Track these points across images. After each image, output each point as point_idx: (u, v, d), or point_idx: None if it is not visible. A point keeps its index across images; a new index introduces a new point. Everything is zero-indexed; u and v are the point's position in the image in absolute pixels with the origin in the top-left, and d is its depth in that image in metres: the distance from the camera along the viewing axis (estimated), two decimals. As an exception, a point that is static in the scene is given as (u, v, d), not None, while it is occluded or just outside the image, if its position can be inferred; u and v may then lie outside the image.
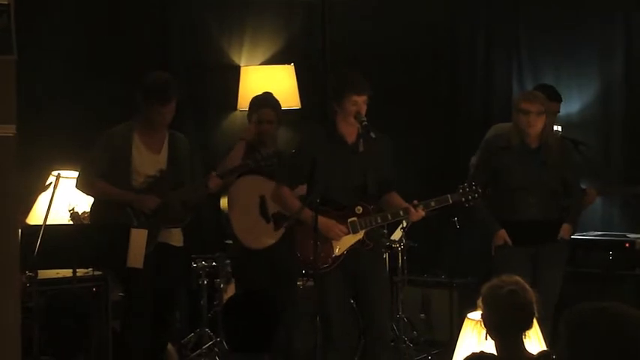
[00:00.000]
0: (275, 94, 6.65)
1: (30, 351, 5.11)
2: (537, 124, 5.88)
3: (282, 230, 6.09)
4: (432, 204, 5.44)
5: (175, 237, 5.93)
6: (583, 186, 6.43)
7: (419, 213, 5.39)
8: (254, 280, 6.22)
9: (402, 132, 7.64)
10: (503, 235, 5.95)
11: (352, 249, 5.40)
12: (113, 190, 5.76)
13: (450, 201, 5.49)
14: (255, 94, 6.63)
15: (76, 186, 5.87)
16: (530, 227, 5.92)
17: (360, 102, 5.33)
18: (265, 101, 6.40)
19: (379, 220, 5.44)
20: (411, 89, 8.20)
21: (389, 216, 5.45)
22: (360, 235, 5.41)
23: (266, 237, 6.21)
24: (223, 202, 6.33)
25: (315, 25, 8.20)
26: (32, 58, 5.87)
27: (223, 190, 6.23)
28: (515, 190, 5.93)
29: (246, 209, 6.23)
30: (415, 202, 5.40)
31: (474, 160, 6.63)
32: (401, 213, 5.43)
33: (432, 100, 8.29)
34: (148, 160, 5.84)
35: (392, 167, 5.57)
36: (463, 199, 5.50)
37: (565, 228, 6.00)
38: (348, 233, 5.38)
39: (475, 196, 5.51)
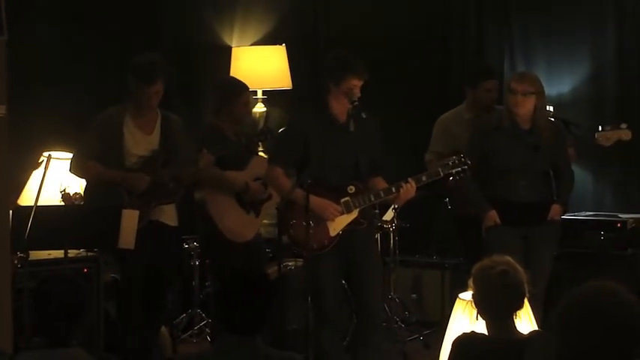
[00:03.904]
0: (266, 75, 6.68)
1: (21, 332, 5.11)
2: (524, 105, 5.86)
3: (261, 219, 6.16)
4: (424, 178, 5.44)
5: (168, 215, 5.90)
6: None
7: (410, 186, 5.37)
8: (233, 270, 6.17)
9: (394, 112, 7.64)
10: (493, 216, 5.94)
11: (346, 229, 5.40)
12: (104, 170, 5.75)
13: (441, 174, 5.48)
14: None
15: (70, 170, 5.88)
16: (520, 209, 5.91)
17: (358, 85, 5.32)
18: (244, 84, 6.40)
19: (372, 199, 5.42)
20: (403, 70, 8.17)
21: (381, 193, 5.42)
22: (354, 214, 5.39)
23: (250, 229, 6.21)
24: (198, 196, 6.18)
25: (306, 5, 8.19)
26: (23, 38, 5.84)
27: (196, 186, 6.13)
28: (505, 171, 5.93)
29: (225, 202, 6.13)
30: (408, 179, 5.39)
31: (427, 156, 6.64)
32: (393, 189, 5.41)
33: (424, 81, 8.26)
34: (141, 141, 5.83)
35: (380, 149, 5.56)
36: (453, 171, 5.50)
37: (555, 208, 5.99)
38: (343, 213, 5.36)
39: (465, 167, 5.50)
